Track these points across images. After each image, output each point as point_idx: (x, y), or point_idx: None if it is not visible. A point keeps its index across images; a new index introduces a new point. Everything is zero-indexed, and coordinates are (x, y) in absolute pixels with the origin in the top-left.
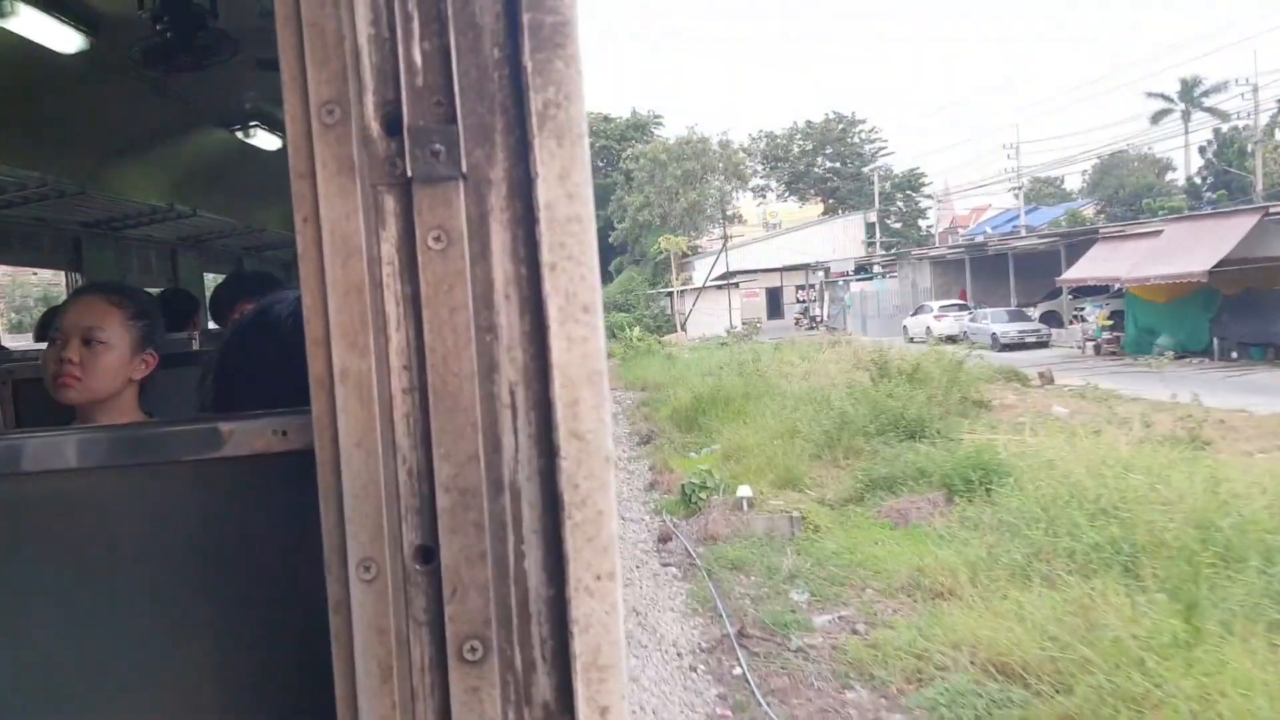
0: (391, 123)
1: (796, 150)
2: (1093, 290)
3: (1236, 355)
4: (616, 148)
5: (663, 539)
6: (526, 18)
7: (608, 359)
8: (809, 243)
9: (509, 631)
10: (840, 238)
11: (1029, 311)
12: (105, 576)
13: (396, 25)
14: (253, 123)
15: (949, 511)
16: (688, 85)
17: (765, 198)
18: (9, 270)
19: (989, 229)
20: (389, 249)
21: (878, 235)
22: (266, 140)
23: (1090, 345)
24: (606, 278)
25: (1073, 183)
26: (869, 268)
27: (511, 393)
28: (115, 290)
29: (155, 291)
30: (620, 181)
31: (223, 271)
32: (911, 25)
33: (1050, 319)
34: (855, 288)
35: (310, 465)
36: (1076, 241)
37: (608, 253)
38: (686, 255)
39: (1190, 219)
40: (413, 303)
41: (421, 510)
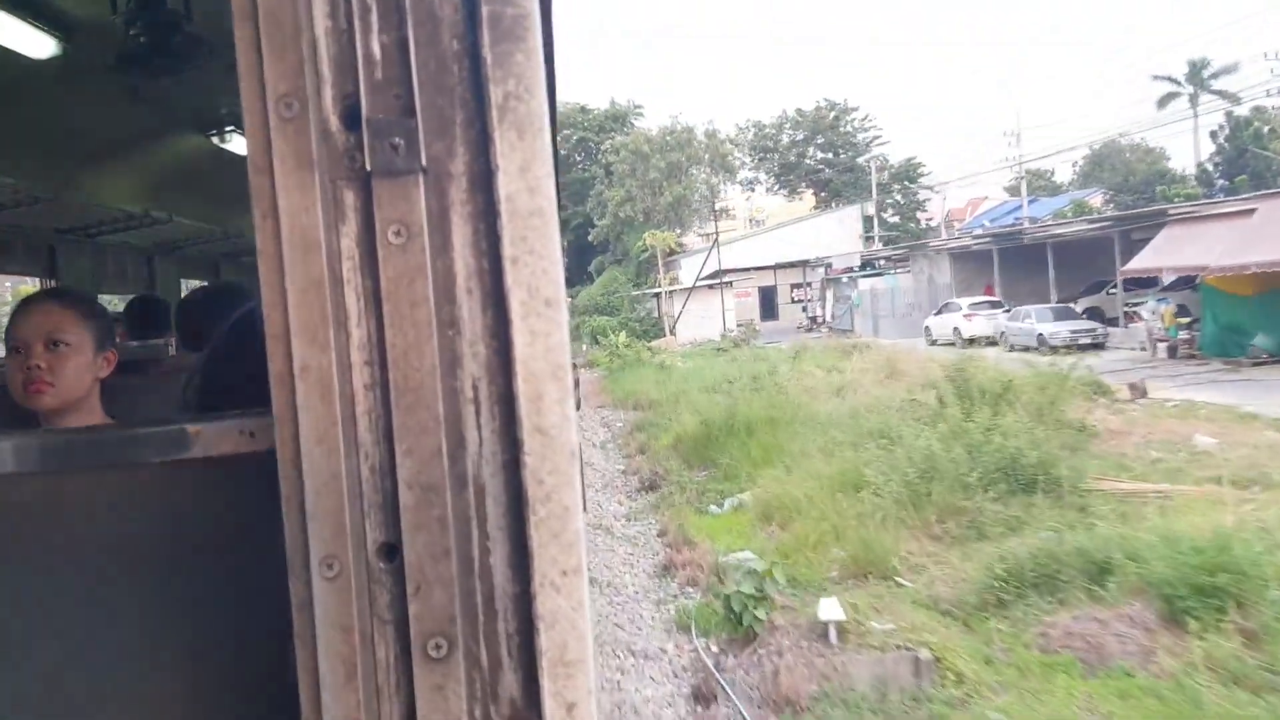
0: (350, 116)
1: (786, 140)
2: (1145, 283)
3: None
4: (595, 139)
5: (700, 698)
6: (486, 10)
7: (592, 369)
8: (803, 238)
9: (474, 628)
10: (836, 232)
11: (1073, 308)
12: (73, 579)
13: (354, 17)
14: (229, 127)
15: (1180, 644)
16: (679, 84)
17: (754, 191)
18: None
19: (987, 222)
20: (349, 243)
21: (876, 228)
22: (243, 145)
23: (1162, 346)
24: (587, 278)
25: (1063, 175)
26: (876, 262)
27: (474, 388)
28: (65, 293)
29: (127, 299)
30: (600, 175)
31: (200, 278)
32: (905, 29)
33: (1093, 317)
34: (864, 284)
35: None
36: (1134, 227)
37: (587, 252)
38: (673, 252)
39: None
40: (373, 297)
41: (384, 507)
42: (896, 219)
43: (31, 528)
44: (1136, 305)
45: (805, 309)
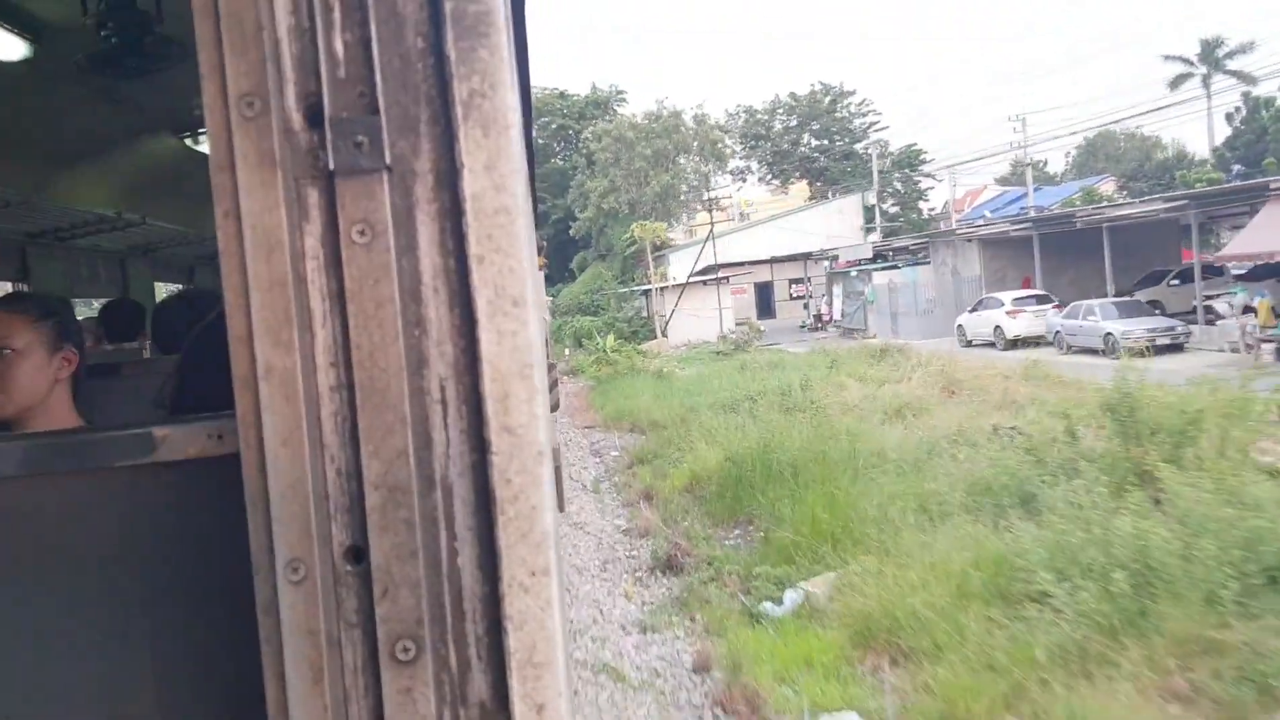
0: (313, 114)
1: (779, 127)
2: (1212, 271)
3: None
4: (575, 127)
5: None
6: (449, 6)
7: (577, 378)
8: (799, 230)
9: (443, 630)
10: (834, 223)
11: (1143, 303)
12: (38, 583)
13: (316, 15)
14: (202, 129)
15: None
16: (668, 78)
17: (745, 182)
18: None
19: (987, 213)
20: (312, 243)
21: (878, 218)
22: None
23: (1268, 348)
24: (568, 276)
25: (1055, 166)
26: (887, 254)
27: (441, 388)
28: (7, 299)
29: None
30: (581, 165)
31: (174, 281)
32: (896, 25)
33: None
34: (879, 279)
35: None
36: (1218, 205)
37: (569, 247)
38: (661, 248)
39: None
40: (338, 297)
41: (351, 509)
42: (897, 209)
43: None
44: (1215, 298)
45: (807, 306)
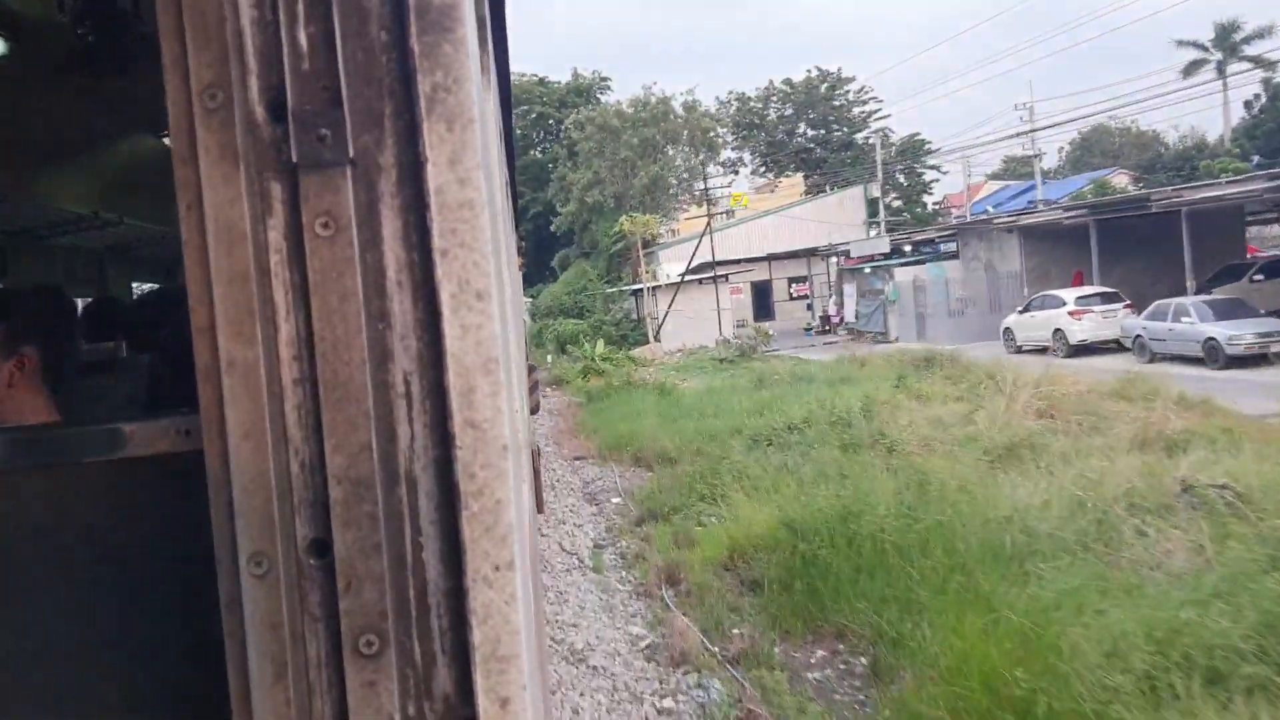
0: (276, 107)
1: (774, 116)
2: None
3: None
4: (556, 115)
5: None
6: (413, 1)
7: (561, 390)
8: (797, 224)
9: (407, 624)
10: (834, 217)
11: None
12: (7, 576)
13: (280, 7)
14: None
15: None
16: (657, 74)
17: (737, 174)
18: None
19: (990, 208)
20: (276, 236)
21: (881, 212)
22: None
23: None
24: (549, 275)
25: (1050, 161)
26: (904, 248)
27: (406, 381)
28: None
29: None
30: (562, 156)
31: (152, 281)
32: (890, 10)
33: None
34: (902, 275)
35: None
36: None
37: (550, 244)
38: (650, 244)
39: None
40: (301, 291)
41: (314, 503)
42: (900, 202)
43: None
44: None
45: (810, 307)
